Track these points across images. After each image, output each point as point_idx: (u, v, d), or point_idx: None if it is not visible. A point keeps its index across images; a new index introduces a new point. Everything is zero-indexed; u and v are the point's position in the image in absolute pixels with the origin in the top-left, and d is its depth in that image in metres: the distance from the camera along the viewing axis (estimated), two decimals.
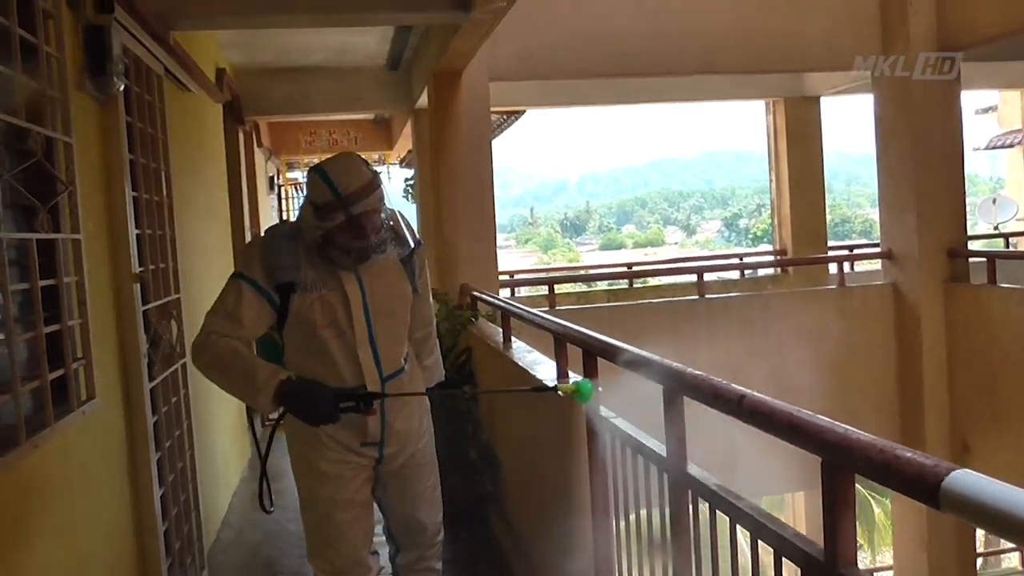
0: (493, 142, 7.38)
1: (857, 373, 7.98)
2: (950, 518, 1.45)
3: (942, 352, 7.85)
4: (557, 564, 3.35)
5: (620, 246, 64.88)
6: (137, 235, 3.35)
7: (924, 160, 7.83)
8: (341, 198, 2.46)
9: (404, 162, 13.21)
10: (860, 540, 16.73)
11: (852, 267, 9.40)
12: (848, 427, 1.49)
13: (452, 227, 6.75)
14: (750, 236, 52.82)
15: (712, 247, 54.09)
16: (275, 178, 12.19)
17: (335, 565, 2.82)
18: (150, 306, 3.50)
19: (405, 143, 10.52)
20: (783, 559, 1.71)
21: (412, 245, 2.76)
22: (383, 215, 2.60)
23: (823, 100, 10.40)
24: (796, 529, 1.76)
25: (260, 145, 9.86)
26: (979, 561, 9.92)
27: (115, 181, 3.15)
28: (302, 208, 2.63)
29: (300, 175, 14.45)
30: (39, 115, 2.45)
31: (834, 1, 8.08)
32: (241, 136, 7.73)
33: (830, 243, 11.44)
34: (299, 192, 13.31)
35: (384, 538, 3.03)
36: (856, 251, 11.27)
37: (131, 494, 3.22)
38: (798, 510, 11.69)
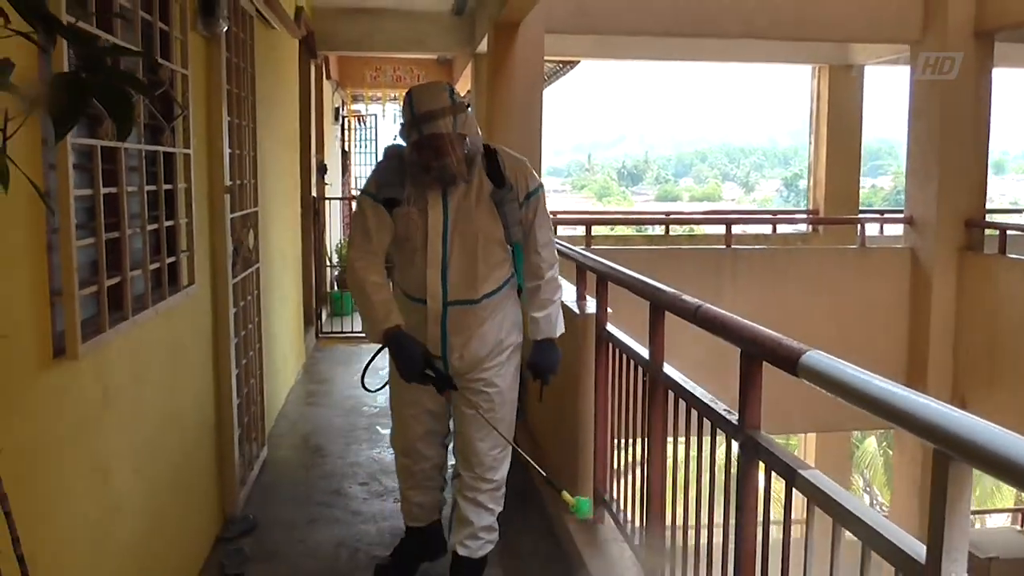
0: (553, 87, 7.81)
1: (869, 329, 8.43)
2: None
3: (950, 315, 8.26)
4: (565, 463, 3.94)
5: (676, 198, 64.47)
6: (229, 153, 3.95)
7: (951, 133, 8.16)
8: (415, 117, 2.76)
9: (464, 103, 13.62)
10: (869, 488, 17.18)
11: (881, 231, 9.77)
12: (757, 326, 2.05)
13: None
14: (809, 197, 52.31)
15: (769, 205, 53.63)
16: (340, 109, 12.75)
17: (398, 447, 3.37)
18: (235, 215, 4.10)
19: (465, 84, 10.98)
20: (713, 425, 2.29)
21: (509, 185, 2.94)
22: (465, 144, 2.82)
23: (868, 69, 10.63)
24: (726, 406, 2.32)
25: (329, 78, 10.41)
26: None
27: (215, 107, 3.74)
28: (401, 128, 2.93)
29: (364, 108, 14.99)
30: (167, 51, 3.04)
31: None
32: (313, 69, 8.30)
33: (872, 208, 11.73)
34: (362, 124, 13.81)
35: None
36: (884, 217, 11.56)
37: (214, 369, 3.85)
38: (809, 451, 12.20)
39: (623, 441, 3.33)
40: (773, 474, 1.94)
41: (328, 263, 9.55)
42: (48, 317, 2.07)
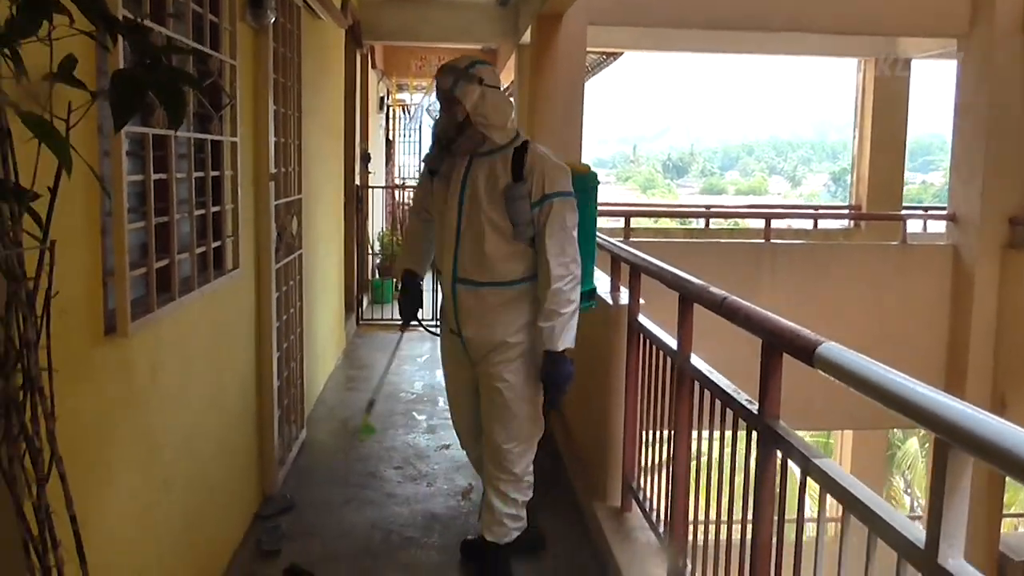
0: (598, 77, 7.83)
1: (909, 326, 8.37)
2: (981, 474, 1.95)
3: (992, 314, 8.18)
4: (596, 450, 4.01)
5: (721, 192, 64.05)
6: (274, 142, 4.06)
7: (997, 131, 8.06)
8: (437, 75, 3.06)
9: (507, 91, 13.72)
10: (909, 489, 16.99)
11: (925, 227, 9.68)
12: (777, 318, 2.10)
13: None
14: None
15: (816, 200, 53.08)
16: (384, 98, 12.89)
17: (454, 423, 3.54)
18: (280, 202, 4.21)
19: (508, 74, 11.05)
20: (730, 410, 2.35)
21: (524, 180, 2.97)
22: (460, 109, 2.98)
23: (920, 63, 10.51)
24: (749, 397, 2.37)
25: (374, 67, 10.53)
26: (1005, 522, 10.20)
27: (262, 97, 3.85)
28: None
29: (408, 97, 15.11)
30: (217, 42, 3.16)
31: None
32: (358, 58, 8.41)
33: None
34: (406, 113, 13.94)
35: None
36: (928, 214, 11.45)
37: (256, 351, 3.97)
38: (845, 449, 12.12)
39: (652, 434, 3.39)
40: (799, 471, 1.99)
41: (370, 251, 9.69)
42: (100, 296, 2.18)
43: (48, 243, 1.32)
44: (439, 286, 3.36)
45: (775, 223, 9.53)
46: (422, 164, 3.31)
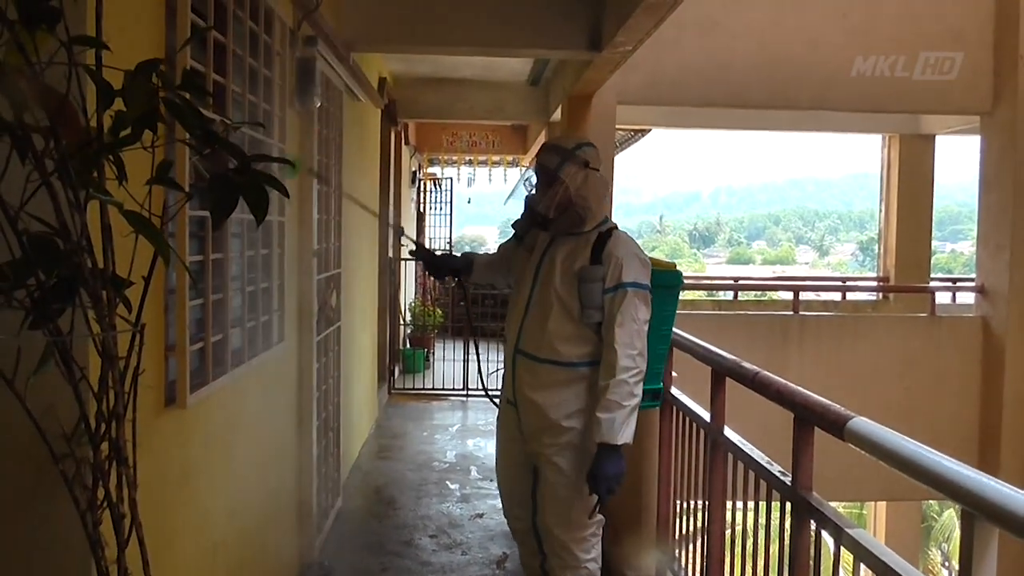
0: (626, 151, 7.96)
1: (940, 398, 8.35)
2: (1016, 546, 1.89)
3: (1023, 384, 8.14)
4: (631, 520, 4.06)
5: (748, 261, 64.10)
6: (317, 219, 4.23)
7: (1023, 203, 8.13)
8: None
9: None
10: (947, 562, 16.62)
11: (954, 299, 9.70)
12: (808, 392, 2.19)
13: None
14: None
15: (844, 270, 52.99)
16: (416, 172, 13.19)
17: (501, 489, 3.40)
18: (321, 276, 4.37)
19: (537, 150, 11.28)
20: (763, 481, 2.42)
21: (601, 264, 2.93)
22: (561, 189, 2.95)
23: (939, 139, 10.65)
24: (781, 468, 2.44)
25: (407, 143, 10.82)
26: None
27: (306, 178, 4.03)
28: None
29: (439, 171, 15.43)
30: (269, 128, 3.34)
31: (949, 47, 8.44)
32: (393, 135, 8.68)
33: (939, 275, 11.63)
34: (437, 187, 14.22)
35: None
36: (956, 285, 11.46)
37: (297, 420, 4.08)
38: (879, 521, 11.94)
39: (686, 504, 3.45)
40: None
41: (402, 321, 9.84)
42: (163, 370, 2.31)
43: (139, 326, 1.45)
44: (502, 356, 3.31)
45: (804, 295, 9.58)
46: (511, 227, 3.34)
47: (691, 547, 3.33)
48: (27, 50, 1.16)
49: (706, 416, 3.07)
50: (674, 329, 3.51)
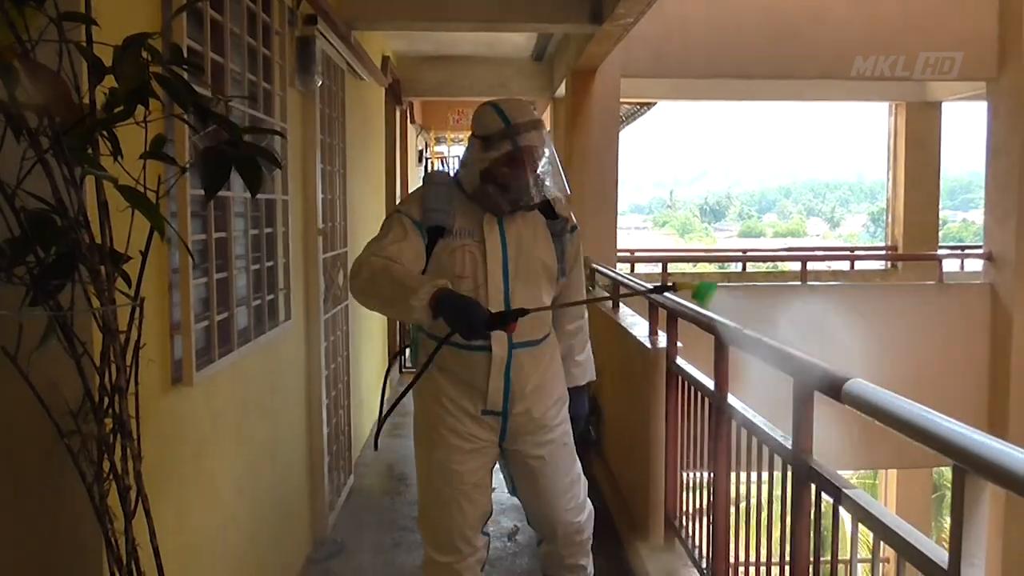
0: (633, 125, 7.94)
1: (948, 365, 8.35)
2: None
3: None
4: (638, 490, 4.09)
5: (759, 234, 63.88)
6: (321, 198, 4.24)
7: None
8: (510, 127, 2.47)
9: None
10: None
11: (962, 267, 9.67)
12: (807, 357, 2.20)
13: (578, 205, 7.51)
14: None
15: (855, 241, 52.76)
16: (423, 151, 13.18)
17: (433, 539, 2.72)
18: (327, 255, 4.39)
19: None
20: (766, 446, 2.44)
21: (560, 216, 2.69)
22: (545, 163, 2.55)
23: (951, 107, 10.59)
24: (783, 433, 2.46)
25: (413, 121, 10.80)
26: None
27: (309, 156, 4.05)
28: (466, 149, 2.64)
29: (446, 149, 15.42)
30: (269, 107, 3.35)
31: (954, 18, 8.37)
32: (398, 114, 8.67)
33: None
34: (443, 165, 14.21)
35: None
36: (964, 253, 11.45)
37: (306, 399, 4.12)
38: (891, 490, 11.97)
39: (691, 474, 3.47)
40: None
41: None
42: (168, 348, 2.34)
43: (138, 300, 1.48)
44: (458, 371, 2.67)
45: (813, 265, 9.56)
46: (403, 216, 2.60)
47: (699, 517, 3.35)
48: (17, 28, 1.18)
49: (710, 384, 3.08)
50: (679, 299, 3.56)
